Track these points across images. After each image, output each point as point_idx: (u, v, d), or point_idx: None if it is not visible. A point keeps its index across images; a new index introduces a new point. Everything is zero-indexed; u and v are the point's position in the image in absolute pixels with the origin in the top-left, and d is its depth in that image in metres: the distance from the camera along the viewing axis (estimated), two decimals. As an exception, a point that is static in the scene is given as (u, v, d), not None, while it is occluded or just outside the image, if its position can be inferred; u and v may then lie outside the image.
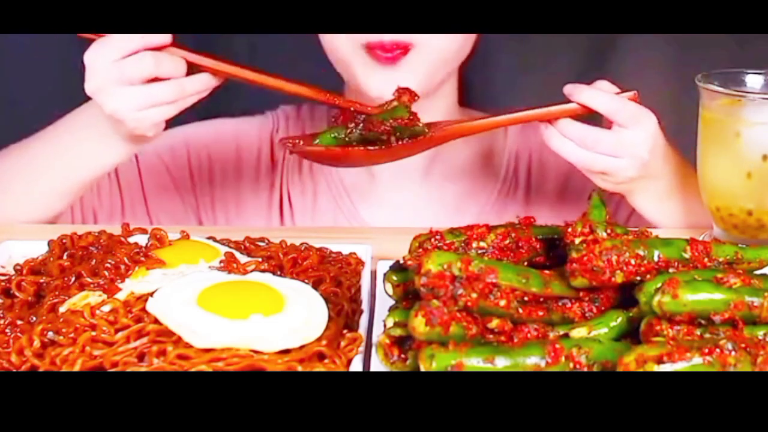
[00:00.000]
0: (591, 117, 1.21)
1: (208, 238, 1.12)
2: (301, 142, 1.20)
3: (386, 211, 1.46)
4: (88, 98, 1.22)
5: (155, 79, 1.17)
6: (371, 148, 1.19)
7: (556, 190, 1.48)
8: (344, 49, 1.32)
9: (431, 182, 1.47)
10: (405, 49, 1.29)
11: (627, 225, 1.42)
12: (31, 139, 1.31)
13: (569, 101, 1.21)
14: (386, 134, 1.18)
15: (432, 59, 1.32)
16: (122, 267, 1.01)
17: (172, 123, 1.49)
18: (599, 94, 1.20)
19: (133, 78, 1.17)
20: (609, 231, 0.96)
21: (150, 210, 1.45)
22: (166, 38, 1.19)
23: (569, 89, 1.21)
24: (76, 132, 1.27)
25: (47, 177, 1.29)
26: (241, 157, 1.49)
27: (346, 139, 1.19)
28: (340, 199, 1.47)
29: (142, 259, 1.02)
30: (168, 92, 1.18)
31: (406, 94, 1.22)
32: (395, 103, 1.21)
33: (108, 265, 1.00)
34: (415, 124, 1.19)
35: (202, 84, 1.20)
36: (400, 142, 1.19)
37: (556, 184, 1.48)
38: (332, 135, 1.19)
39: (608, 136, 1.20)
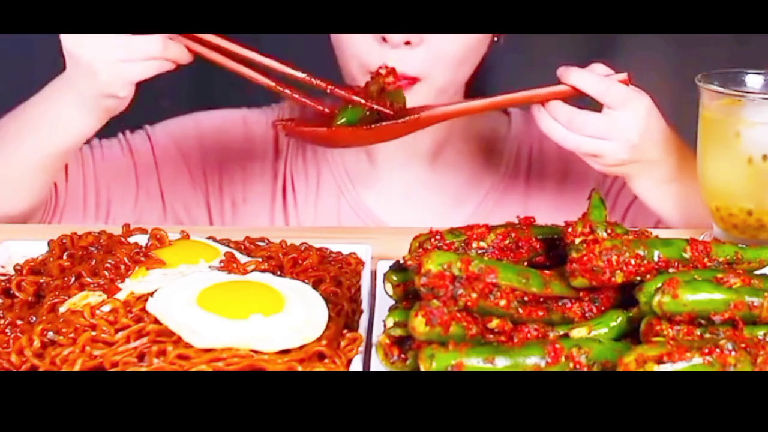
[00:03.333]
0: (586, 99, 1.22)
1: (208, 238, 1.12)
2: (292, 123, 1.24)
3: (389, 197, 1.47)
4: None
5: None
6: (358, 127, 1.21)
7: (558, 174, 1.48)
8: (351, 66, 1.33)
9: (435, 169, 1.48)
10: (412, 81, 1.30)
11: (624, 220, 1.43)
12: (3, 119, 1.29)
13: (561, 83, 1.22)
14: (387, 116, 1.21)
15: (437, 89, 1.33)
16: (122, 267, 1.00)
17: (179, 113, 1.48)
18: (587, 76, 1.21)
19: (139, 52, 1.15)
20: (609, 231, 0.96)
21: (164, 195, 1.45)
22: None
23: (561, 71, 1.22)
24: (48, 102, 1.25)
25: (21, 153, 1.26)
26: (247, 145, 1.49)
27: (367, 113, 1.21)
28: (342, 185, 1.47)
29: (142, 259, 1.02)
30: (149, 47, 1.16)
31: (392, 75, 1.25)
32: (386, 83, 1.24)
33: (108, 265, 1.00)
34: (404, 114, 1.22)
35: (183, 53, 1.19)
36: (386, 123, 1.21)
37: (558, 168, 1.48)
38: (353, 111, 1.22)
39: (596, 119, 1.21)
